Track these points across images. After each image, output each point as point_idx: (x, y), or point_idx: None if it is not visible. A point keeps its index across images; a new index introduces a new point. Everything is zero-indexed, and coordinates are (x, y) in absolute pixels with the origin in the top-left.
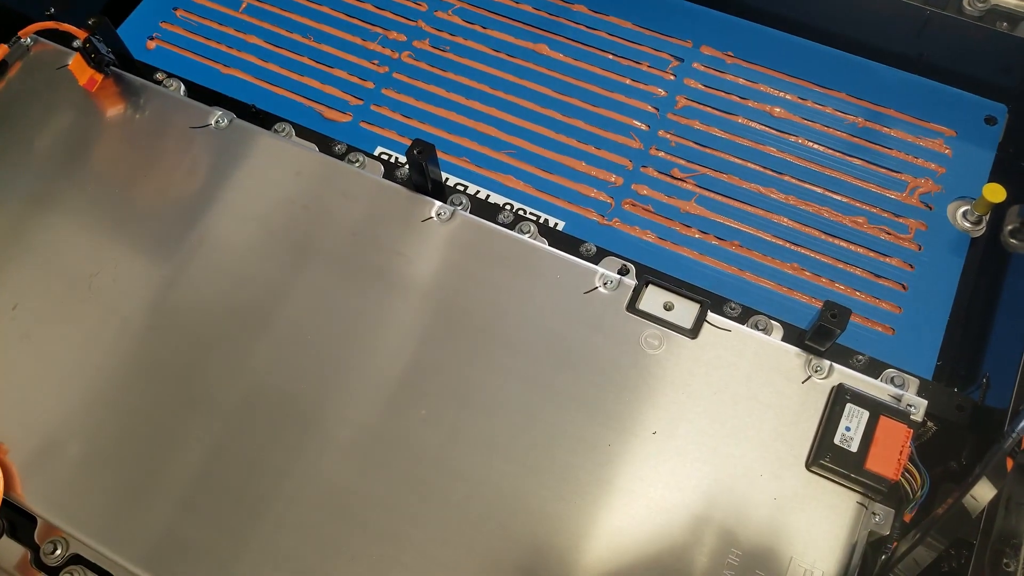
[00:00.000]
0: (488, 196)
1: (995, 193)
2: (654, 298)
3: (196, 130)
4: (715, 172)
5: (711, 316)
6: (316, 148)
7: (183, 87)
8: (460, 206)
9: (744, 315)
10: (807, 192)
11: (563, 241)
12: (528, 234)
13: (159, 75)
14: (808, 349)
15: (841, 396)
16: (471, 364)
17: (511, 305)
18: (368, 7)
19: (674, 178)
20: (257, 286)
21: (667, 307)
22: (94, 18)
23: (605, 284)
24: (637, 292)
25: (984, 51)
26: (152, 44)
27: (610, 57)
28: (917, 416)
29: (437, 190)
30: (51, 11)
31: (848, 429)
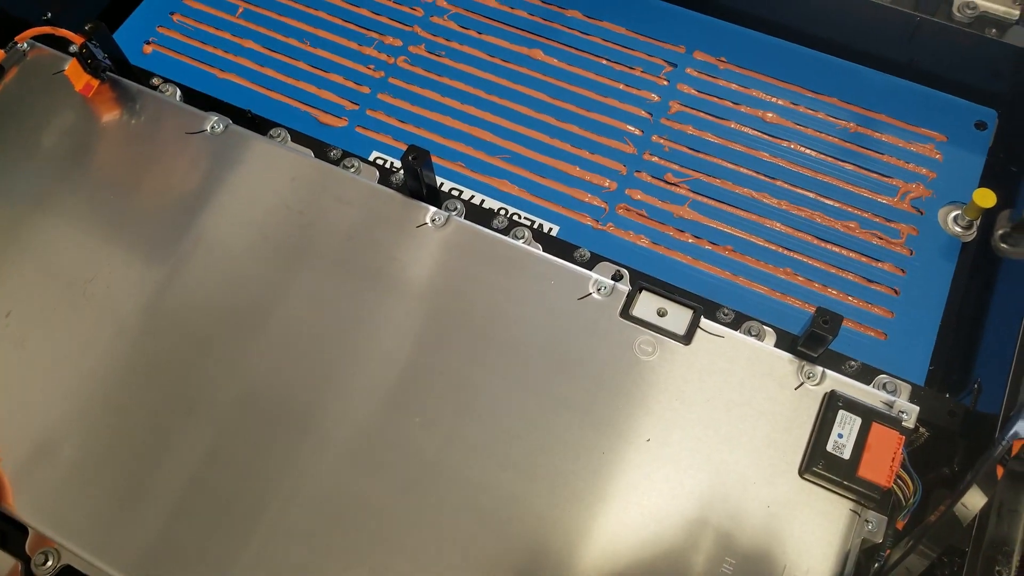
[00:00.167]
0: (483, 201)
1: (985, 198)
2: (648, 304)
3: (192, 136)
4: (708, 177)
5: (704, 322)
6: (311, 153)
7: (179, 92)
8: (454, 211)
9: (737, 321)
10: (799, 197)
11: (557, 246)
12: (522, 240)
13: (155, 80)
14: (801, 355)
15: (833, 403)
16: (465, 370)
17: (505, 312)
18: (364, 12)
19: (667, 183)
20: (252, 292)
21: (660, 313)
22: (91, 24)
23: (599, 290)
24: (631, 298)
25: (974, 57)
26: (149, 48)
27: (604, 62)
28: (909, 422)
29: (432, 195)
30: (48, 16)
31: (841, 436)
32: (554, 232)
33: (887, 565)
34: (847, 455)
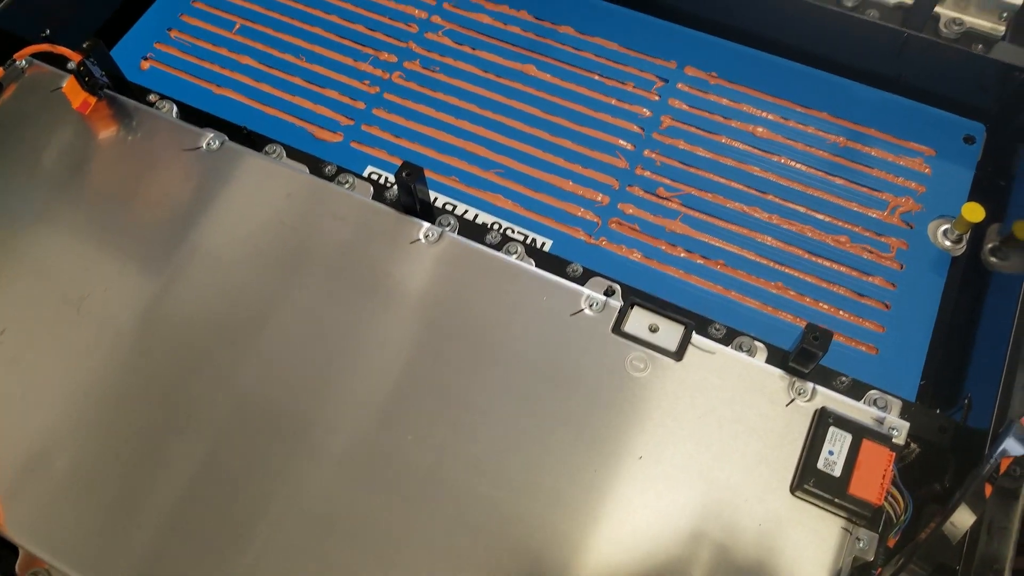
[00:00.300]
0: (476, 216)
1: (974, 212)
2: (639, 320)
3: (188, 152)
4: (700, 191)
5: (696, 338)
6: (307, 169)
7: (175, 109)
8: (448, 227)
9: (729, 336)
10: (790, 211)
11: (550, 262)
12: (515, 255)
13: (152, 97)
14: (792, 371)
15: (824, 419)
16: (458, 386)
17: (498, 328)
18: (360, 28)
19: (659, 197)
20: (247, 308)
21: (652, 329)
22: (89, 41)
23: (591, 306)
24: (623, 314)
25: (961, 72)
26: (146, 64)
27: (596, 78)
28: (900, 439)
29: (425, 211)
30: (46, 33)
31: (831, 453)
32: (547, 246)
33: None
34: (838, 472)
